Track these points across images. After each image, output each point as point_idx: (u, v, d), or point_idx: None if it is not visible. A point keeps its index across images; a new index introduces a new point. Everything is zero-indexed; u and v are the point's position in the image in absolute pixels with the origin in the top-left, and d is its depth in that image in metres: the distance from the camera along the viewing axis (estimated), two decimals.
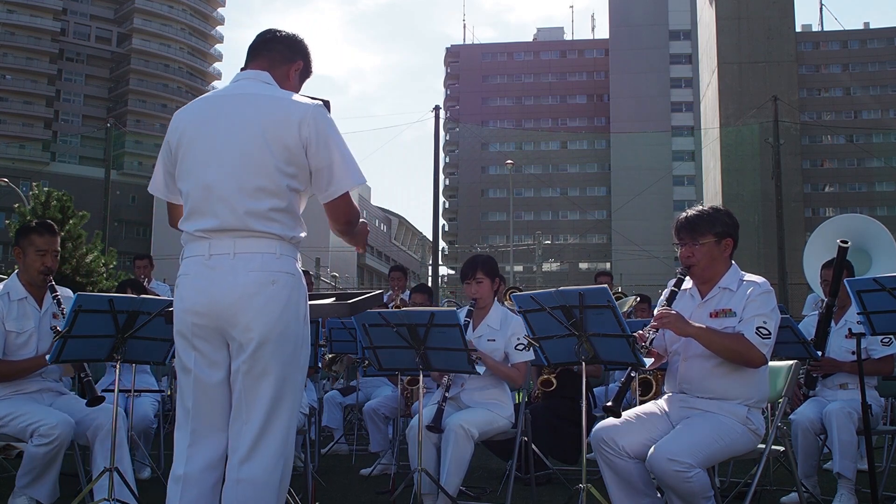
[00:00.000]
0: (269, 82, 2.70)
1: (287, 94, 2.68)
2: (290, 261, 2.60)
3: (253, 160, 2.55)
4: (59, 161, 65.42)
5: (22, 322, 3.88)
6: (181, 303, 2.59)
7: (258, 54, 2.77)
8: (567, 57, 79.17)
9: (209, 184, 2.56)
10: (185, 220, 2.63)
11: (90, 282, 20.86)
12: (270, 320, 2.50)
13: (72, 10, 72.61)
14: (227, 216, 2.54)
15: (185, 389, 2.62)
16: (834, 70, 62.27)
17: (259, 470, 2.48)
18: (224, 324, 2.53)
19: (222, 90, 2.76)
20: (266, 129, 2.55)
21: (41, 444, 3.53)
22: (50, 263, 3.94)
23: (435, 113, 23.93)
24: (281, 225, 2.57)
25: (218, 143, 2.58)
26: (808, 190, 56.42)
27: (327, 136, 2.58)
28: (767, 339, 3.18)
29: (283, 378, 2.54)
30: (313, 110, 2.59)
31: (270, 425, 2.51)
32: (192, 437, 2.59)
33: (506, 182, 57.80)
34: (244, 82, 2.72)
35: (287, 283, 2.55)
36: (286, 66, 2.77)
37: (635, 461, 3.20)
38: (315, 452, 5.58)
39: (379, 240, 71.34)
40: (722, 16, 50.65)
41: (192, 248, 2.61)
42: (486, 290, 4.44)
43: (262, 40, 2.79)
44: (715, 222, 3.36)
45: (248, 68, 2.76)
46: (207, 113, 2.66)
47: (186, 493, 2.54)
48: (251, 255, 2.52)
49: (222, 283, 2.51)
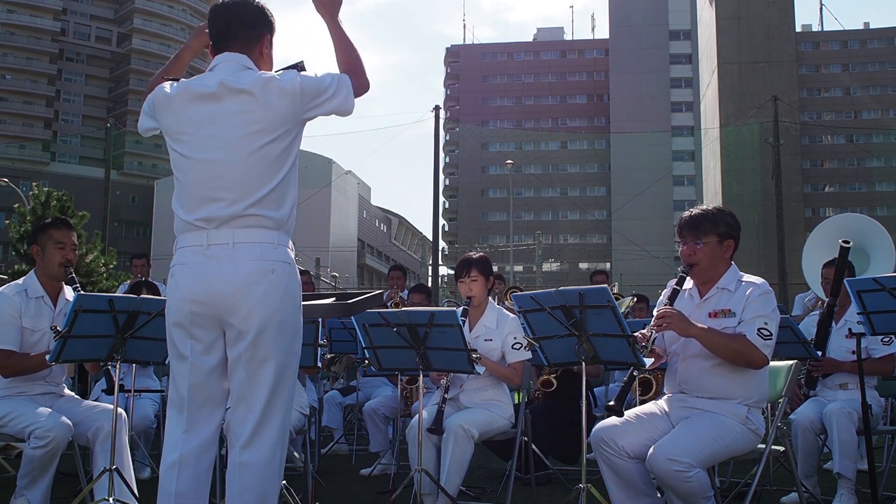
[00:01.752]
0: (248, 66, 2.70)
1: (268, 75, 2.65)
2: (285, 250, 2.66)
3: (251, 149, 2.59)
4: (59, 161, 65.46)
5: (37, 320, 3.90)
6: (179, 292, 2.62)
7: (226, 45, 2.74)
8: (567, 57, 79.20)
9: (210, 176, 2.60)
10: (184, 210, 2.65)
11: (90, 282, 20.88)
12: (272, 308, 2.57)
13: (72, 10, 72.62)
14: (229, 206, 2.58)
15: (180, 377, 2.68)
16: (834, 70, 62.27)
17: (261, 454, 2.56)
18: (223, 312, 2.57)
19: (210, 79, 2.68)
20: (251, 118, 2.59)
21: (37, 446, 3.52)
22: (70, 256, 3.99)
23: (435, 113, 23.95)
24: (273, 204, 2.61)
25: (216, 138, 2.61)
26: (808, 190, 56.43)
27: (300, 78, 2.63)
28: (769, 340, 3.19)
29: (283, 364, 2.62)
30: (284, 79, 2.61)
31: (271, 410, 2.59)
32: (188, 423, 2.65)
33: (506, 182, 57.81)
34: (224, 66, 2.68)
35: (285, 272, 2.62)
36: (258, 46, 2.77)
37: (635, 461, 3.20)
38: (315, 452, 5.58)
39: (379, 240, 71.38)
40: (722, 16, 50.67)
41: (188, 238, 2.64)
42: (480, 288, 4.43)
43: (223, 30, 2.75)
44: (718, 223, 3.36)
45: (222, 52, 2.73)
46: (204, 108, 2.64)
47: (182, 475, 2.61)
48: (250, 245, 2.58)
49: (222, 272, 2.55)
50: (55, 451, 3.56)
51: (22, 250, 20.49)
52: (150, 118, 2.80)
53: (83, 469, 4.17)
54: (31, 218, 20.63)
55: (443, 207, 62.79)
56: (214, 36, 2.78)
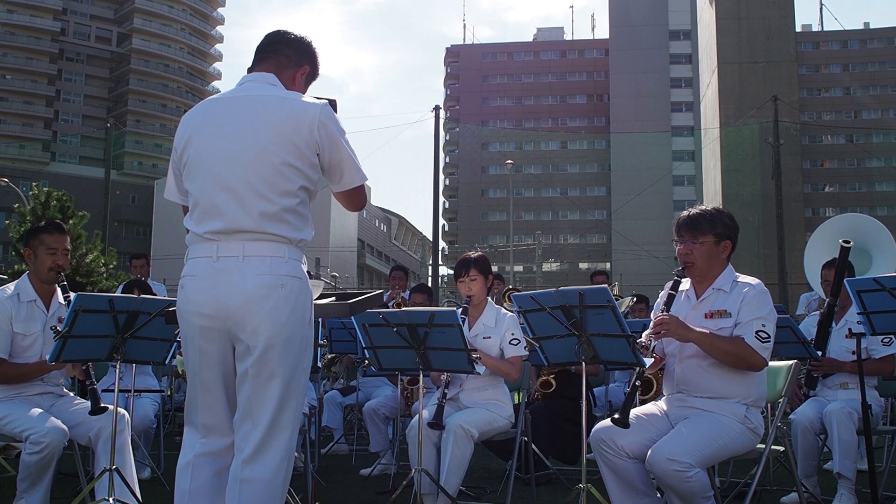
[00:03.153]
0: (274, 84, 2.70)
1: (296, 95, 2.68)
2: (297, 264, 2.61)
3: (265, 161, 2.55)
4: (59, 161, 65.47)
5: (29, 324, 3.86)
6: (188, 304, 2.60)
7: (265, 57, 2.76)
8: (567, 57, 79.17)
9: (221, 185, 2.57)
10: (195, 221, 2.62)
11: (90, 282, 20.87)
12: (278, 324, 2.52)
13: (72, 10, 72.63)
14: (240, 217, 2.54)
15: (192, 386, 2.68)
16: (834, 70, 62.27)
17: (265, 471, 2.51)
18: (232, 326, 2.54)
19: (229, 92, 2.75)
20: (277, 131, 2.56)
21: (32, 451, 3.51)
22: (61, 261, 3.92)
23: (435, 113, 23.95)
24: (290, 227, 2.59)
25: (229, 144, 2.58)
26: (808, 190, 56.39)
27: (337, 136, 2.63)
28: (767, 342, 3.20)
29: (289, 380, 2.57)
30: (322, 111, 2.60)
31: (277, 426, 2.54)
32: (204, 430, 2.66)
33: (506, 182, 57.83)
34: (250, 84, 2.71)
35: (294, 287, 2.57)
36: (293, 70, 2.77)
37: (635, 461, 3.21)
38: (315, 452, 5.58)
39: (379, 240, 71.39)
40: (722, 16, 50.60)
41: (198, 249, 2.60)
42: (479, 287, 4.45)
43: (270, 42, 2.79)
44: (716, 223, 3.37)
45: (255, 70, 2.75)
46: (216, 115, 2.66)
47: (196, 474, 2.61)
48: (260, 259, 2.53)
49: (231, 286, 2.52)
50: (51, 457, 3.54)
51: (22, 250, 20.40)
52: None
53: (83, 469, 4.17)
54: (30, 218, 20.61)
55: (443, 207, 62.80)
56: (259, 49, 2.79)
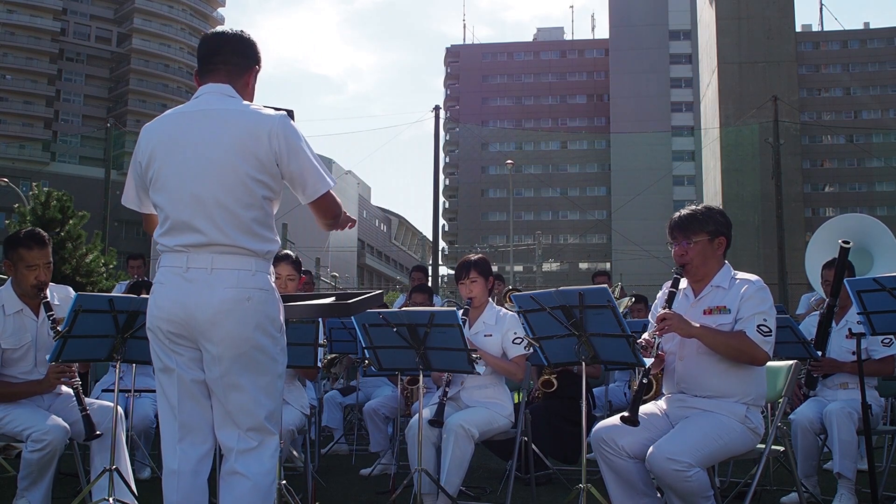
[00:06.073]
0: (232, 95, 2.73)
1: (255, 108, 2.70)
2: (264, 276, 2.67)
3: (230, 175, 2.60)
4: (59, 161, 65.37)
5: (19, 336, 3.77)
6: (157, 310, 2.66)
7: (214, 68, 2.77)
8: (567, 57, 79.18)
9: (190, 201, 2.61)
10: (164, 234, 2.67)
11: (90, 282, 20.83)
12: (244, 337, 2.59)
13: (72, 10, 72.59)
14: (210, 231, 2.59)
15: (168, 388, 2.70)
16: (834, 70, 62.27)
17: (255, 467, 2.59)
18: (198, 335, 2.60)
19: (188, 106, 2.77)
20: (239, 144, 2.61)
21: (34, 450, 3.50)
22: (43, 277, 3.76)
23: (435, 113, 23.93)
24: (258, 238, 2.64)
25: (193, 158, 2.62)
26: (808, 190, 56.38)
27: (296, 146, 2.65)
28: (769, 336, 3.21)
29: (257, 387, 2.63)
30: (279, 122, 2.65)
31: (257, 427, 2.62)
32: (181, 431, 2.68)
33: (506, 182, 57.80)
34: (208, 97, 2.73)
35: (261, 299, 2.62)
36: (245, 76, 2.81)
37: (635, 461, 3.21)
38: (315, 452, 5.57)
39: (379, 240, 71.41)
40: (722, 16, 50.58)
41: (169, 259, 2.66)
42: (480, 289, 4.48)
43: (215, 52, 2.78)
44: (707, 221, 3.39)
45: (207, 80, 2.76)
46: (179, 130, 2.68)
47: (181, 486, 2.64)
48: (228, 272, 2.59)
49: (198, 297, 2.57)
50: (52, 455, 3.54)
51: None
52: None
53: (83, 469, 4.17)
54: (30, 218, 20.59)
55: (443, 207, 62.81)
56: (203, 59, 2.79)
